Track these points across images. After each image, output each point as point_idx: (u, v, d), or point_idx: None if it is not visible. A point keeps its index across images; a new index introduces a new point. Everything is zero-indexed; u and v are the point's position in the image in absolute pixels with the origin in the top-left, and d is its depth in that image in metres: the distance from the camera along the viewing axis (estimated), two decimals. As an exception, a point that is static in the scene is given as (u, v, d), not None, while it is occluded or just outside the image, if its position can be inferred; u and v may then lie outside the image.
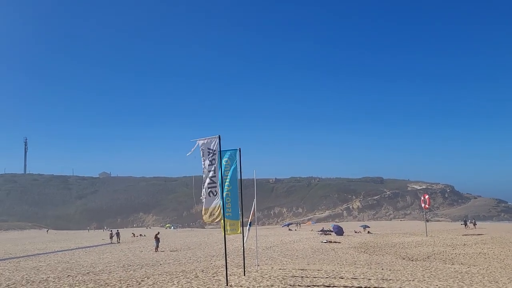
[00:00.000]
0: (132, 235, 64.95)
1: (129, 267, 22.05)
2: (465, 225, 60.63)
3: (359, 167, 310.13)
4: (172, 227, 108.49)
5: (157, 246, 33.24)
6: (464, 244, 34.69)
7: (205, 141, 14.89)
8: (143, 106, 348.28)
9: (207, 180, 14.70)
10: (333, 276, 16.62)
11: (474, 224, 61.60)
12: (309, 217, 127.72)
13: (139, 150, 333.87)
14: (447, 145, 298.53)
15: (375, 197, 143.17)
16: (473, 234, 46.02)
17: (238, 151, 15.93)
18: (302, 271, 18.18)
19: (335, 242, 37.55)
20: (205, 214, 14.80)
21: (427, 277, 16.70)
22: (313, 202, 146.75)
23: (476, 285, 14.97)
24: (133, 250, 34.98)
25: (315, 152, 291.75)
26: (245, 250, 17.80)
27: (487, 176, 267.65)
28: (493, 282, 15.69)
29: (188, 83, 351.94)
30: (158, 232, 36.26)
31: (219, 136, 14.77)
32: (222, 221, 14.73)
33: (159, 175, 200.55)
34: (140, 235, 66.28)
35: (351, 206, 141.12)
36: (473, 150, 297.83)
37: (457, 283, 15.41)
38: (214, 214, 14.66)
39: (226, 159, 15.71)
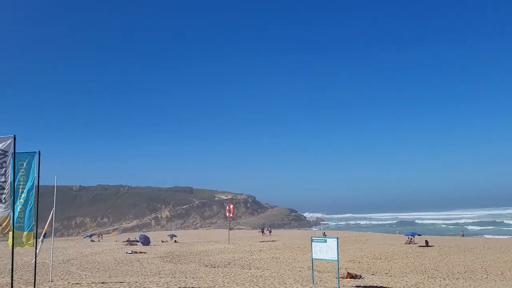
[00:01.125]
0: None
1: None
2: (262, 233, 66.75)
3: (170, 176, 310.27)
4: None
5: None
6: (261, 250, 38.14)
7: (-5, 140, 12.85)
8: None
9: (-5, 186, 12.67)
10: (136, 288, 16.19)
11: (270, 232, 68.48)
12: (114, 227, 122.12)
13: None
14: (249, 158, 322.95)
15: (184, 207, 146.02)
16: (269, 241, 51.03)
17: (37, 154, 14.26)
18: (102, 284, 17.18)
19: (141, 252, 36.73)
20: (-11, 225, 12.69)
21: (227, 282, 17.72)
22: (120, 211, 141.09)
23: (268, 287, 16.57)
24: None
25: (125, 159, 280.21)
26: (37, 264, 15.90)
27: (283, 189, 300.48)
28: (282, 283, 17.58)
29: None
30: None
31: (14, 136, 12.93)
32: (11, 232, 12.88)
33: None
34: None
35: (159, 216, 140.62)
36: (275, 164, 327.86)
37: (253, 286, 16.78)
38: (1, 225, 12.70)
39: (21, 162, 13.87)
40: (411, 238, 44.06)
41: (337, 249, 16.16)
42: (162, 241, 54.94)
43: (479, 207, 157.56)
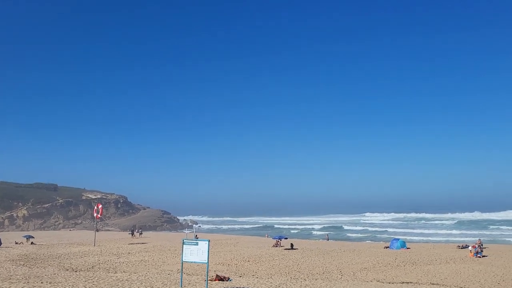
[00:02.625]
0: None
1: None
2: (132, 235, 64.25)
3: (31, 172, 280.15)
4: None
5: None
6: (129, 253, 36.63)
7: None
8: None
9: None
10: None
11: (140, 234, 66.25)
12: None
13: None
14: (123, 156, 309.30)
15: (46, 205, 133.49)
16: (138, 243, 49.29)
17: None
18: None
19: (-11, 255, 32.55)
20: None
21: (89, 287, 16.59)
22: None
23: (134, 291, 15.92)
24: None
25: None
26: None
27: (157, 190, 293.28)
28: (149, 287, 17.05)
29: None
30: None
31: None
32: None
33: None
34: None
35: (15, 214, 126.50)
36: (144, 164, 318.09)
37: (117, 291, 15.96)
38: None
39: None
40: (278, 241, 46.41)
41: (208, 251, 16.24)
42: (16, 243, 49.42)
43: (324, 214, 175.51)
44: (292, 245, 43.71)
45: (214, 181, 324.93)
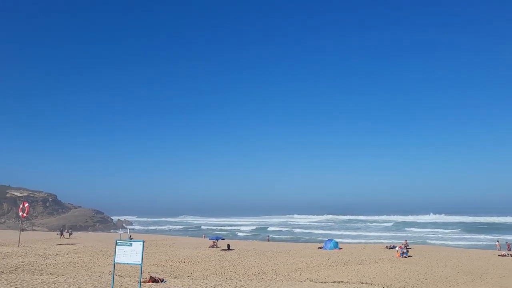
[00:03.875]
0: None
1: None
2: (61, 235, 61.10)
3: None
4: None
5: None
6: (57, 254, 34.76)
7: None
8: None
9: None
10: None
11: (70, 234, 63.18)
12: None
13: None
14: (54, 152, 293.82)
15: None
16: (68, 244, 46.96)
17: None
18: None
19: None
20: None
21: (11, 291, 15.55)
22: None
23: (61, 295, 15.12)
24: None
25: None
26: None
27: (88, 188, 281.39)
28: (77, 289, 16.28)
29: None
30: None
31: None
32: None
33: None
34: None
35: None
36: (75, 161, 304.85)
37: (42, 294, 15.08)
38: None
39: None
40: (215, 242, 46.25)
41: (142, 252, 15.81)
42: None
43: (249, 216, 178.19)
44: (229, 245, 43.76)
45: (149, 181, 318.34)
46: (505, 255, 39.08)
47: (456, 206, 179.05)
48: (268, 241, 65.46)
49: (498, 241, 51.06)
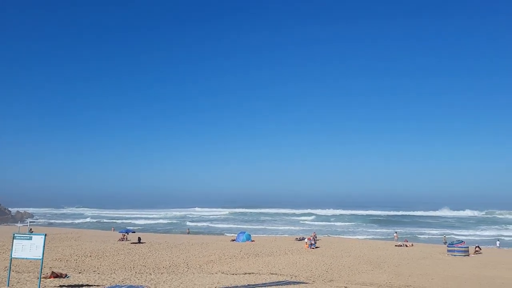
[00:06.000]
0: None
1: None
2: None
3: None
4: None
5: None
6: None
7: None
8: None
9: None
10: None
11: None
12: None
13: None
14: None
15: None
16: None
17: None
18: None
19: None
20: None
21: None
22: None
23: None
24: None
25: None
26: None
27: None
28: (-35, 288, 14.79)
29: None
30: None
31: None
32: None
33: None
34: None
35: None
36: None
37: None
38: None
39: None
40: (125, 235, 44.72)
41: (43, 247, 14.78)
42: None
43: (169, 208, 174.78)
44: (139, 238, 42.57)
45: (52, 169, 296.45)
46: (400, 245, 42.78)
47: (369, 201, 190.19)
48: (188, 233, 64.76)
49: (396, 232, 56.22)
